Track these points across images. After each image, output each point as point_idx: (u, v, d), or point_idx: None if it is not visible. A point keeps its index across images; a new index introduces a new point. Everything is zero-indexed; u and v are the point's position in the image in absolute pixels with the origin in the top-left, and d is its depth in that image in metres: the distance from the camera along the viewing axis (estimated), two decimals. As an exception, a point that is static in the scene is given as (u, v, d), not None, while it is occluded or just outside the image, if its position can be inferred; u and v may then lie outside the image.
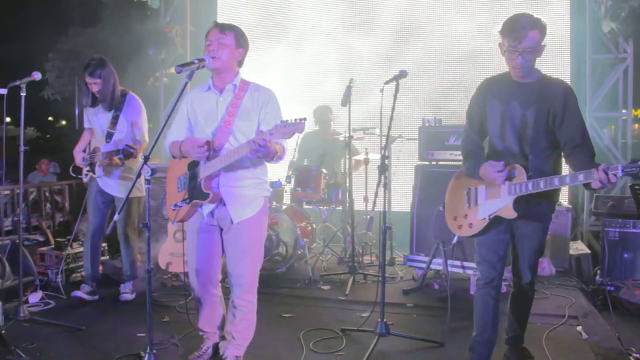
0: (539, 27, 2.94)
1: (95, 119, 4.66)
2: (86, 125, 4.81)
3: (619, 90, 6.52)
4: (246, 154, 2.93)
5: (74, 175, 4.87)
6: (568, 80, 6.57)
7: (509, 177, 2.96)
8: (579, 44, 6.59)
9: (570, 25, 6.64)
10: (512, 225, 3.15)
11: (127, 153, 4.41)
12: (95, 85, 4.49)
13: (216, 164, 3.07)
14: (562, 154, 3.06)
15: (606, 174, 2.55)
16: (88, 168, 4.69)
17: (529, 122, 3.01)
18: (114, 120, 4.56)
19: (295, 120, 2.73)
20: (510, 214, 2.98)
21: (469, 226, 3.18)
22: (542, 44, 2.96)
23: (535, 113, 2.99)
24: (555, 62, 6.60)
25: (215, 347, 3.48)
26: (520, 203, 2.96)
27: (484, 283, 3.19)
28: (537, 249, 3.22)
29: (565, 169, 3.17)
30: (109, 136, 4.55)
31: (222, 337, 3.45)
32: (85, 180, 4.75)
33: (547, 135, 3.01)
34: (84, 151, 4.76)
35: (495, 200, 3.04)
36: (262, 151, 2.83)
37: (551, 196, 3.09)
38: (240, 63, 3.28)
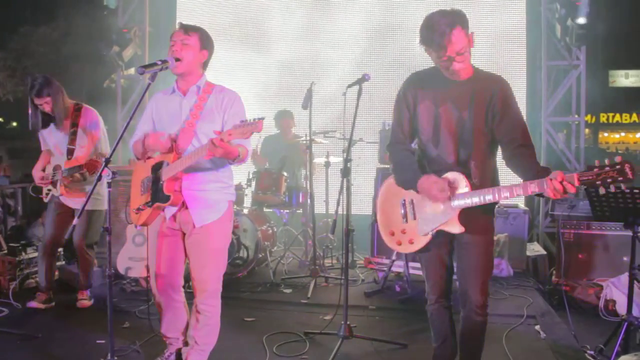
0: (458, 21, 2.60)
1: (52, 139, 4.54)
2: (43, 147, 4.68)
3: (572, 96, 6.72)
4: (204, 155, 2.89)
5: (34, 195, 4.74)
6: (524, 86, 6.78)
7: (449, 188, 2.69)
8: (534, 51, 6.77)
9: (527, 32, 6.83)
10: (451, 234, 2.80)
11: (91, 166, 4.32)
12: (46, 104, 4.36)
13: (178, 165, 3.03)
14: (503, 155, 2.78)
15: (561, 184, 2.36)
16: (49, 187, 4.56)
17: (466, 125, 2.73)
18: (72, 136, 4.44)
19: (254, 119, 2.72)
20: (457, 228, 2.71)
21: (410, 242, 2.85)
22: (469, 34, 2.65)
23: (473, 114, 2.72)
24: (512, 68, 6.77)
25: (179, 353, 3.42)
26: (461, 214, 2.72)
27: (436, 298, 2.96)
28: (486, 261, 2.84)
29: (503, 173, 2.96)
30: (70, 152, 4.44)
31: (185, 343, 3.40)
32: (46, 200, 4.63)
33: (486, 137, 2.75)
34: (44, 170, 4.62)
35: (436, 214, 2.75)
36: (220, 151, 2.80)
37: (492, 204, 2.76)
38: (204, 65, 3.24)
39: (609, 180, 2.32)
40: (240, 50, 7.57)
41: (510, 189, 2.56)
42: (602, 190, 2.35)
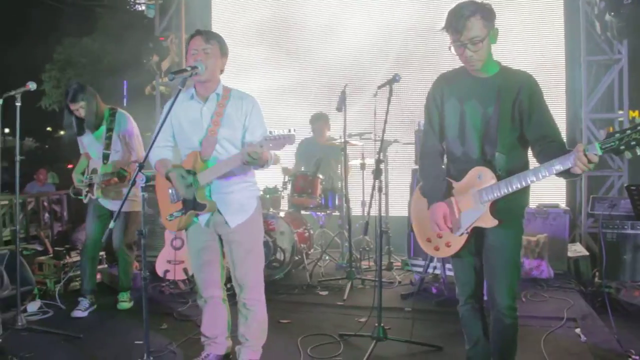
0: (480, 11, 2.60)
1: (89, 144, 4.68)
2: (82, 150, 4.82)
3: (614, 92, 6.52)
4: (238, 165, 3.01)
5: (74, 196, 4.89)
6: (563, 83, 6.62)
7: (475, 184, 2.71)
8: (573, 46, 6.60)
9: (565, 27, 6.67)
10: (480, 236, 2.81)
11: (121, 176, 4.45)
12: (81, 109, 4.49)
13: (208, 175, 3.11)
14: (533, 152, 2.74)
15: (585, 155, 2.32)
16: (87, 189, 4.69)
17: (491, 122, 2.71)
18: (107, 141, 4.57)
19: (289, 130, 2.80)
20: (490, 222, 2.69)
21: (447, 246, 2.85)
22: (492, 28, 2.64)
23: (498, 111, 2.69)
24: (550, 64, 6.61)
25: (227, 354, 3.53)
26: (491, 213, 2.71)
27: (466, 298, 2.96)
28: (511, 263, 2.79)
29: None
30: (106, 157, 4.57)
31: (238, 342, 3.46)
32: (85, 201, 4.76)
33: (512, 133, 2.72)
34: (83, 173, 4.76)
35: (468, 211, 2.74)
36: (254, 162, 2.93)
37: (519, 199, 2.75)
38: (222, 71, 3.29)
39: (632, 142, 2.26)
40: (276, 52, 7.64)
41: (536, 172, 2.53)
42: (627, 155, 2.28)
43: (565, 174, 2.44)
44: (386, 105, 3.81)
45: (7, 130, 19.31)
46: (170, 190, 3.28)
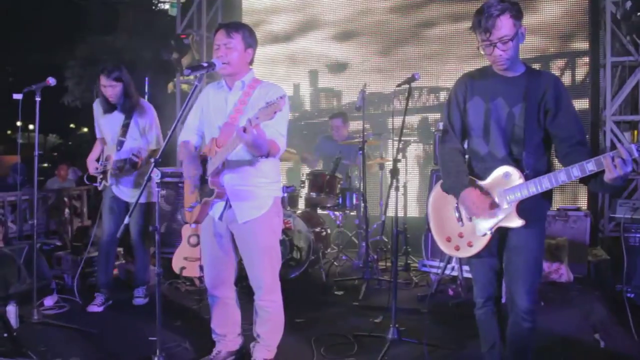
0: (509, 10, 2.57)
1: (107, 127, 4.65)
2: (98, 135, 4.82)
3: (639, 94, 6.38)
4: (237, 145, 2.90)
5: (88, 183, 4.91)
6: (587, 84, 6.51)
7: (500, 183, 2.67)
8: (598, 47, 6.48)
9: (589, 27, 6.54)
10: (501, 236, 2.77)
11: (132, 163, 4.40)
12: (110, 88, 4.45)
13: (217, 159, 3.07)
14: (558, 153, 2.71)
15: (621, 158, 2.28)
16: (101, 176, 4.68)
17: (517, 121, 2.69)
18: (124, 129, 4.54)
19: (277, 99, 2.70)
20: (517, 222, 2.65)
21: (469, 245, 2.78)
22: (521, 28, 2.62)
23: (524, 110, 2.67)
24: (574, 65, 6.50)
25: (240, 351, 3.52)
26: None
27: (484, 301, 2.93)
28: (533, 265, 2.75)
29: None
30: (120, 144, 4.54)
31: (253, 338, 3.45)
32: (99, 188, 4.76)
33: (539, 133, 2.69)
34: (98, 160, 4.76)
35: (494, 211, 2.69)
36: (248, 137, 2.72)
37: (544, 199, 2.73)
38: (251, 62, 3.25)
39: None
40: (298, 54, 7.64)
41: (567, 171, 2.48)
42: None
43: (594, 181, 2.43)
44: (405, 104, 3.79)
45: (31, 127, 19.63)
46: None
